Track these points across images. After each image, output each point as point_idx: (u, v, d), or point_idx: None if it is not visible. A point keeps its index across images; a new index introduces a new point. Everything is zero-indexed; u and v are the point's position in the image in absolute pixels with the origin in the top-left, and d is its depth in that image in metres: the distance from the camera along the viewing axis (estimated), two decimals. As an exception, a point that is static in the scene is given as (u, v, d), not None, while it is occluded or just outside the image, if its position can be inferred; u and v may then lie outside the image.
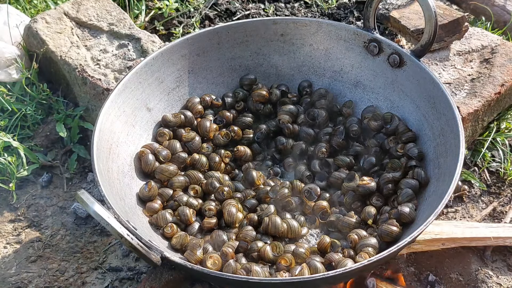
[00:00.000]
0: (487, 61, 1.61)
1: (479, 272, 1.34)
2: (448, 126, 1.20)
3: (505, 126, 1.63)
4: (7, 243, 1.40)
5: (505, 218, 1.45)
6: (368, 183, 1.24)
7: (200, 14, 1.92)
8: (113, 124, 1.25)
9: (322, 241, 1.16)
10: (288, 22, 1.44)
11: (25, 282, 1.32)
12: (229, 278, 1.00)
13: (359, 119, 1.40)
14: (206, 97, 1.43)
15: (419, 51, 1.29)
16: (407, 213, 1.15)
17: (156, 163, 1.29)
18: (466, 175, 1.53)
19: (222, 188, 1.26)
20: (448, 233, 1.33)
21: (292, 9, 1.94)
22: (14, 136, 1.57)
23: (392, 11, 1.71)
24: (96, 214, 0.94)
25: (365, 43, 1.39)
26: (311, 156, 1.38)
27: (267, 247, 1.14)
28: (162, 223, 1.20)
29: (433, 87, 1.25)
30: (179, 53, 1.40)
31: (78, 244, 1.40)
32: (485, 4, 1.98)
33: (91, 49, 1.65)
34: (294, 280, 0.99)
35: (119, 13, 1.74)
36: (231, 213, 1.20)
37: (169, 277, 1.20)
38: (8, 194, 1.50)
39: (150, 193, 1.24)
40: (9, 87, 1.64)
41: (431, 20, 1.22)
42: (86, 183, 1.55)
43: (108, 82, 1.55)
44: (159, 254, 1.00)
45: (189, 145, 1.36)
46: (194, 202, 1.25)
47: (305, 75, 1.49)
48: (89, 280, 1.32)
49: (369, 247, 1.12)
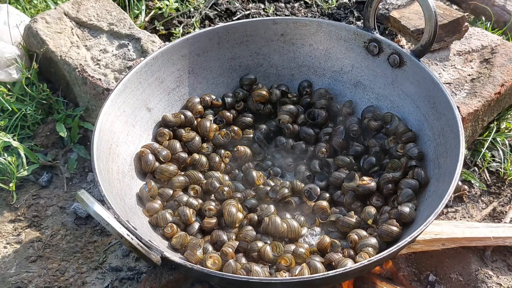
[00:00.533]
0: (487, 61, 1.61)
1: (479, 272, 1.34)
2: (448, 126, 1.20)
3: (505, 126, 1.63)
4: (7, 243, 1.40)
5: (505, 218, 1.45)
6: (368, 183, 1.24)
7: (200, 14, 1.92)
8: (113, 124, 1.25)
9: (322, 241, 1.16)
10: (288, 22, 1.44)
11: (25, 282, 1.32)
12: (229, 278, 1.00)
13: (359, 119, 1.40)
14: (206, 97, 1.43)
15: (419, 51, 1.29)
16: (407, 213, 1.15)
17: (156, 163, 1.29)
18: (466, 175, 1.53)
19: (222, 188, 1.26)
20: (448, 233, 1.33)
21: (292, 9, 1.94)
22: (14, 136, 1.57)
23: (392, 11, 1.71)
24: (96, 214, 0.94)
25: (365, 43, 1.39)
26: (311, 156, 1.38)
27: (267, 247, 1.14)
28: (162, 223, 1.20)
29: (433, 87, 1.25)
30: (179, 53, 1.40)
31: (78, 244, 1.40)
32: (485, 4, 1.98)
33: (91, 49, 1.65)
34: (294, 280, 0.99)
35: (119, 13, 1.74)
36: (231, 213, 1.20)
37: (169, 277, 1.20)
38: (8, 194, 1.50)
39: (150, 193, 1.24)
40: (9, 87, 1.64)
41: (431, 20, 1.22)
42: (86, 183, 1.55)
43: (108, 82, 1.55)
44: (159, 254, 1.00)
45: (189, 145, 1.36)
46: (194, 202, 1.25)
47: (305, 75, 1.49)
48: (89, 280, 1.32)
49: (369, 247, 1.12)
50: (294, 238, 1.20)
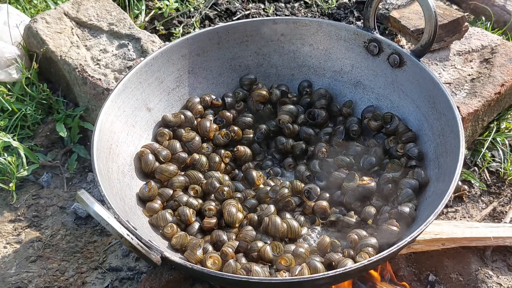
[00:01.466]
0: (487, 61, 1.61)
1: (479, 272, 1.34)
2: (448, 126, 1.20)
3: (505, 126, 1.63)
4: (7, 243, 1.40)
5: (505, 218, 1.45)
6: (368, 183, 1.24)
7: (200, 14, 1.92)
8: (113, 124, 1.25)
9: (322, 241, 1.16)
10: (288, 22, 1.44)
11: (25, 282, 1.32)
12: (229, 278, 1.00)
13: (359, 119, 1.40)
14: (206, 97, 1.43)
15: (419, 51, 1.29)
16: (407, 213, 1.15)
17: (156, 163, 1.29)
18: (466, 175, 1.53)
19: (222, 188, 1.26)
20: (448, 233, 1.33)
21: (292, 9, 1.94)
22: (14, 136, 1.57)
23: (392, 11, 1.71)
24: (96, 214, 0.94)
25: (365, 43, 1.39)
26: (311, 156, 1.38)
27: (267, 247, 1.14)
28: (162, 223, 1.20)
29: (433, 87, 1.25)
30: (179, 53, 1.40)
31: (78, 244, 1.40)
32: (485, 4, 1.98)
33: (91, 49, 1.65)
34: (294, 280, 0.99)
35: (119, 13, 1.74)
36: (231, 213, 1.20)
37: (169, 277, 1.20)
38: (8, 194, 1.50)
39: (150, 193, 1.24)
40: (9, 87, 1.64)
41: (431, 20, 1.22)
42: (86, 183, 1.55)
43: (108, 82, 1.55)
44: (159, 254, 1.00)
45: (189, 145, 1.36)
46: (194, 202, 1.25)
47: (305, 75, 1.49)
48: (89, 280, 1.32)
49: (369, 247, 1.12)
50: (294, 238, 1.20)
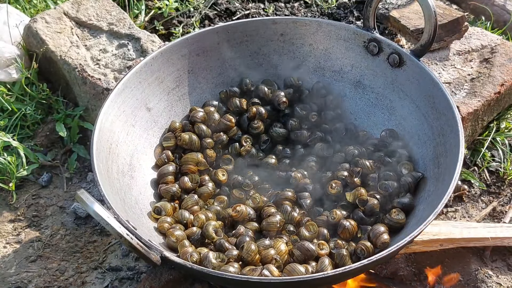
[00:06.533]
0: (487, 60, 1.61)
1: (479, 272, 1.34)
2: (448, 126, 1.20)
3: (505, 125, 1.63)
4: (7, 243, 1.40)
5: (505, 218, 1.45)
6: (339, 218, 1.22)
7: (200, 14, 1.92)
8: (112, 124, 1.25)
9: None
10: (288, 22, 1.44)
11: (25, 281, 1.32)
12: (229, 278, 1.00)
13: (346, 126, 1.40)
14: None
15: (419, 51, 1.29)
16: (407, 203, 1.20)
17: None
18: (466, 175, 1.53)
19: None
20: (446, 233, 1.33)
21: (292, 8, 1.94)
22: (14, 136, 1.57)
23: (392, 11, 1.71)
24: (96, 214, 0.94)
25: (365, 42, 1.39)
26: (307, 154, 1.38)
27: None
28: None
29: (433, 87, 1.25)
30: (179, 53, 1.40)
31: (78, 244, 1.40)
32: (485, 3, 1.98)
33: (90, 48, 1.65)
34: (294, 280, 0.99)
35: (119, 12, 1.74)
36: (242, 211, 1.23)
37: (169, 276, 1.21)
38: (8, 194, 1.50)
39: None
40: (9, 87, 1.64)
41: (431, 19, 1.22)
42: (86, 183, 1.55)
43: (108, 82, 1.55)
44: (159, 253, 1.00)
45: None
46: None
47: (305, 75, 1.48)
48: (89, 280, 1.33)
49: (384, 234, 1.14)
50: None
